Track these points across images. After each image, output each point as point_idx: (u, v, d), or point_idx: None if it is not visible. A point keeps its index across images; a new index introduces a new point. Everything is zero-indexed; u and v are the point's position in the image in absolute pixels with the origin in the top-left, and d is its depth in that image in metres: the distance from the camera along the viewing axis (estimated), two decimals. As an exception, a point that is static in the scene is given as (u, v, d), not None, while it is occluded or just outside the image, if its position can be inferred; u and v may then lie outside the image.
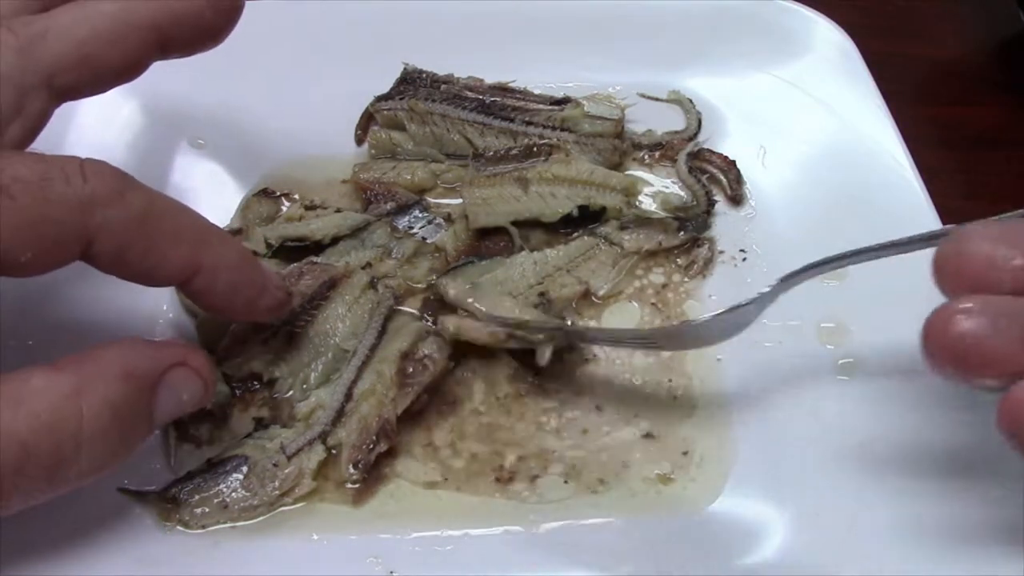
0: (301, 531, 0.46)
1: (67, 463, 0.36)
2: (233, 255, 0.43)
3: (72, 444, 0.36)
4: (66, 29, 0.42)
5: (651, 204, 0.62)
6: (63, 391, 0.36)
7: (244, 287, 0.44)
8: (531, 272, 0.55)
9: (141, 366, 0.39)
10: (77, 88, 0.44)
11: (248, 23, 0.60)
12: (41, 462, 0.36)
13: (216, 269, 0.42)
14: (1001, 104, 0.74)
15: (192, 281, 0.41)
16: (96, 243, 0.38)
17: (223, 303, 0.44)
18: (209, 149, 0.63)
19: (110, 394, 0.37)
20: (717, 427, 0.50)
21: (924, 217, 0.56)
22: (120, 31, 0.43)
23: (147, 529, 0.45)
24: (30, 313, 0.51)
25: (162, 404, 0.40)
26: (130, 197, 0.39)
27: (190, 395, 0.41)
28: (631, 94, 0.67)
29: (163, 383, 0.40)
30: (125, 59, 0.44)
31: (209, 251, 0.41)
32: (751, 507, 0.47)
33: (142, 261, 0.40)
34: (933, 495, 0.45)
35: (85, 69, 0.43)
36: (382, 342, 0.53)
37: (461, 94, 0.64)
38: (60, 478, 0.37)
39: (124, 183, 0.39)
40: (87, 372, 0.37)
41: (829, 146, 0.62)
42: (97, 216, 0.37)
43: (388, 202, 0.60)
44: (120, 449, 0.39)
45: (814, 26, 0.68)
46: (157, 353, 0.40)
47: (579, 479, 0.48)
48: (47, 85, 0.42)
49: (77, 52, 0.42)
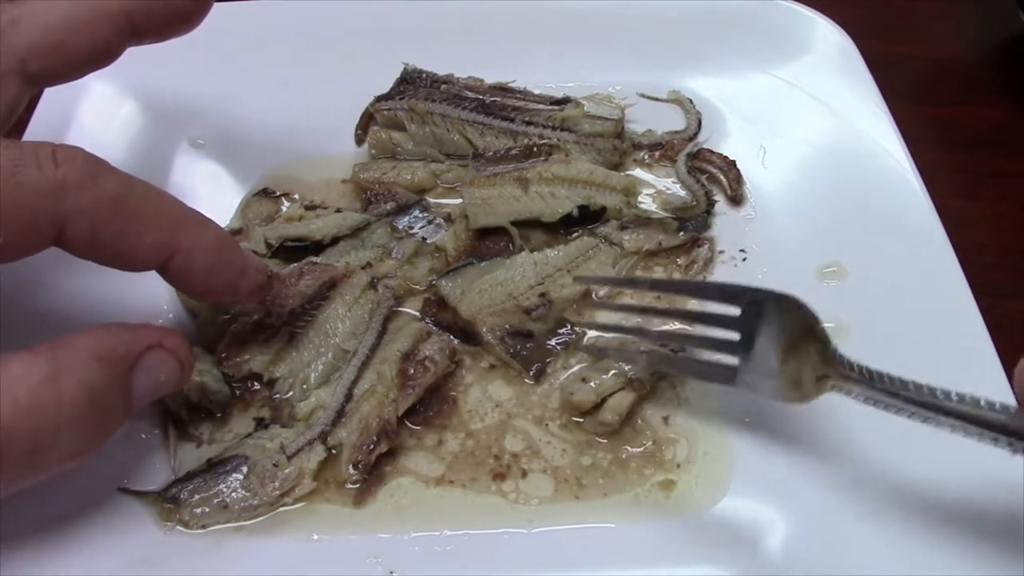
0: (301, 531, 0.46)
1: (47, 447, 0.37)
2: (210, 237, 0.43)
3: (51, 427, 0.36)
4: (38, 16, 0.43)
5: (651, 204, 0.62)
6: (40, 375, 0.36)
7: (223, 269, 0.44)
8: (531, 272, 0.55)
9: (117, 349, 0.39)
10: (51, 74, 0.44)
11: (248, 23, 0.61)
12: (21, 446, 0.36)
13: (193, 251, 0.42)
14: (1001, 104, 0.74)
15: (170, 264, 0.41)
16: (69, 227, 0.38)
17: (202, 286, 0.44)
18: (209, 149, 0.63)
19: (87, 377, 0.37)
20: (718, 428, 0.50)
21: (924, 217, 0.56)
22: (92, 17, 0.44)
23: (147, 529, 0.45)
24: (28, 314, 0.51)
25: (139, 386, 0.40)
26: (103, 181, 0.39)
27: (167, 376, 0.41)
28: (631, 94, 0.67)
29: (139, 365, 0.40)
30: (98, 45, 0.44)
31: (186, 234, 0.42)
32: (752, 508, 0.47)
33: (117, 244, 0.40)
34: (933, 495, 0.45)
35: (58, 55, 0.43)
36: (382, 342, 0.53)
37: (461, 94, 0.64)
38: (41, 462, 0.37)
39: (97, 167, 0.39)
40: (63, 356, 0.37)
41: (829, 146, 0.62)
42: (70, 200, 0.38)
43: (388, 202, 0.60)
44: (99, 432, 0.39)
45: (814, 26, 0.68)
46: (132, 336, 0.40)
47: (579, 480, 0.48)
48: (20, 71, 0.42)
49: (50, 38, 0.43)
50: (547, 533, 0.46)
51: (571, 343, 0.54)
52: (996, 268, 0.62)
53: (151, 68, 0.61)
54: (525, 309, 0.54)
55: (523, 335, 0.54)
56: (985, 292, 0.52)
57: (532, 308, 0.54)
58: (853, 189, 0.59)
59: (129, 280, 0.52)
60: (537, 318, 0.54)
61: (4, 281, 0.51)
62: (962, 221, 0.59)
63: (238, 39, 0.66)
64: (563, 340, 0.54)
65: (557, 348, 0.54)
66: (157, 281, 0.49)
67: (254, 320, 0.52)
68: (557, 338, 0.54)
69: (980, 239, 0.64)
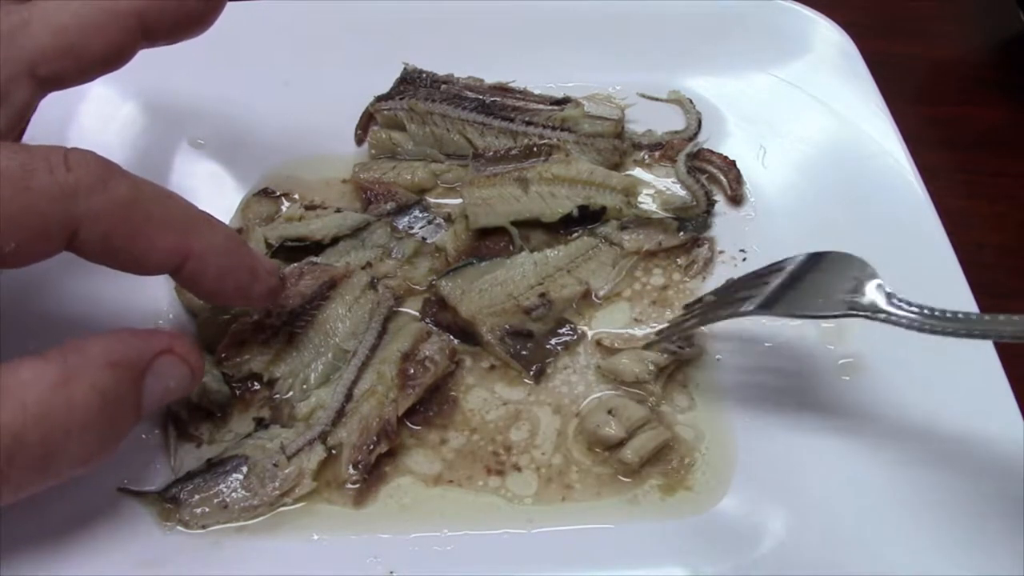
0: (301, 531, 0.46)
1: (58, 452, 0.36)
2: (222, 241, 0.43)
3: (62, 433, 0.36)
4: (49, 18, 0.42)
5: (651, 204, 0.62)
6: (51, 381, 0.36)
7: (235, 273, 0.44)
8: (531, 272, 0.55)
9: (127, 355, 0.39)
10: (61, 77, 0.44)
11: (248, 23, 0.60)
12: (32, 452, 0.36)
13: (206, 255, 0.42)
14: (1001, 104, 0.74)
15: (182, 268, 0.41)
16: (81, 232, 0.38)
17: (215, 289, 0.44)
18: (209, 149, 0.63)
19: (98, 383, 0.37)
20: (718, 428, 0.50)
21: (924, 217, 0.56)
22: (103, 19, 0.43)
23: (147, 529, 0.45)
24: (30, 316, 0.51)
25: (149, 391, 0.40)
26: (114, 185, 0.38)
27: (177, 382, 0.41)
28: (631, 94, 0.67)
29: (150, 370, 0.40)
30: (109, 47, 0.44)
31: (198, 237, 0.41)
32: (752, 508, 0.47)
33: (129, 248, 0.40)
34: (933, 495, 0.45)
35: (69, 58, 0.43)
36: (382, 342, 0.53)
37: (461, 94, 0.64)
38: (52, 468, 0.37)
39: (108, 171, 0.39)
40: (74, 362, 0.37)
41: (829, 146, 0.62)
42: (81, 205, 0.37)
43: (388, 202, 0.60)
44: (109, 437, 0.39)
45: (814, 26, 0.68)
46: (143, 342, 0.40)
47: (578, 481, 0.48)
48: (31, 74, 0.42)
49: (60, 41, 0.42)
50: (547, 533, 0.46)
51: (571, 343, 0.54)
52: (996, 268, 0.62)
53: (151, 68, 0.61)
54: (525, 309, 0.54)
55: (523, 335, 0.54)
56: (985, 292, 0.52)
57: (532, 308, 0.54)
58: (853, 189, 0.59)
59: (130, 281, 0.52)
60: (537, 318, 0.54)
61: (6, 283, 0.51)
62: (962, 221, 0.59)
63: (238, 39, 0.66)
64: (563, 340, 0.54)
65: (557, 348, 0.54)
66: (157, 281, 0.50)
67: (254, 320, 0.52)
68: (557, 338, 0.54)
69: (980, 239, 0.64)
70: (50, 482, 0.38)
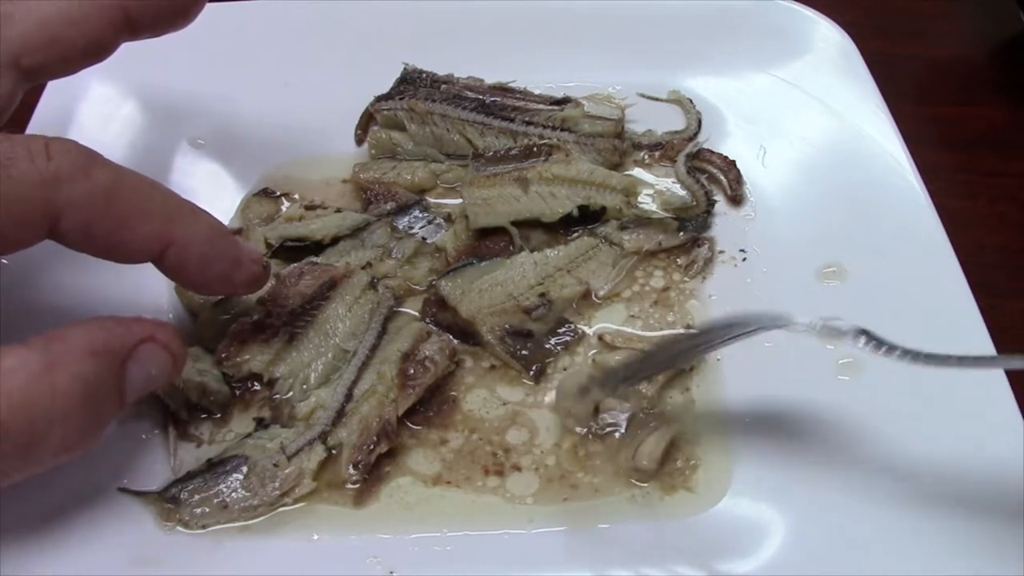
0: (301, 531, 0.46)
1: (41, 440, 0.36)
2: (205, 229, 0.43)
3: (45, 421, 0.36)
4: (32, 9, 0.43)
5: (651, 204, 0.62)
6: (34, 369, 0.36)
7: (218, 260, 0.44)
8: (531, 272, 0.55)
9: (110, 343, 0.39)
10: (45, 69, 0.44)
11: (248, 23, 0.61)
12: (15, 440, 0.36)
13: (188, 243, 0.42)
14: (1001, 104, 0.74)
15: (164, 256, 0.41)
16: (63, 220, 0.38)
17: (198, 278, 0.44)
18: (209, 149, 0.63)
19: (80, 371, 0.37)
20: (718, 428, 0.50)
21: (924, 217, 0.56)
22: (87, 11, 0.44)
23: (147, 529, 0.45)
24: (26, 311, 0.51)
25: (132, 379, 0.40)
26: (96, 173, 0.39)
27: (159, 370, 0.41)
28: (631, 94, 0.67)
29: (132, 359, 0.40)
30: (92, 39, 0.44)
31: (180, 225, 0.42)
32: (752, 508, 0.47)
33: (111, 236, 0.40)
34: (933, 495, 0.45)
35: (52, 49, 0.43)
36: (382, 342, 0.53)
37: (461, 94, 0.64)
38: (35, 456, 0.37)
39: (90, 160, 0.39)
40: (56, 350, 0.37)
41: (829, 146, 0.62)
42: (63, 193, 0.38)
43: (388, 202, 0.60)
44: (92, 426, 0.39)
45: (814, 26, 0.68)
46: (125, 330, 0.40)
47: (578, 481, 0.48)
48: (14, 66, 0.42)
49: (44, 32, 0.43)
50: (547, 533, 0.46)
51: (571, 343, 0.54)
52: (996, 268, 0.62)
53: (151, 68, 0.61)
54: (525, 309, 0.54)
55: (523, 335, 0.54)
56: (985, 292, 0.52)
57: (532, 308, 0.54)
58: (853, 189, 0.59)
59: (130, 280, 0.52)
60: (537, 318, 0.54)
61: (6, 279, 0.51)
62: (962, 221, 0.59)
63: (238, 39, 0.66)
64: (563, 340, 0.54)
65: (557, 348, 0.54)
66: (157, 281, 0.50)
67: (254, 320, 0.52)
68: (557, 338, 0.54)
69: (980, 239, 0.64)
70: (33, 470, 0.37)
